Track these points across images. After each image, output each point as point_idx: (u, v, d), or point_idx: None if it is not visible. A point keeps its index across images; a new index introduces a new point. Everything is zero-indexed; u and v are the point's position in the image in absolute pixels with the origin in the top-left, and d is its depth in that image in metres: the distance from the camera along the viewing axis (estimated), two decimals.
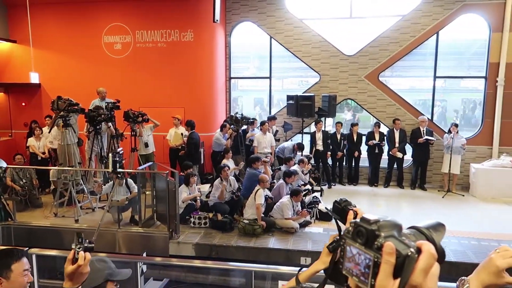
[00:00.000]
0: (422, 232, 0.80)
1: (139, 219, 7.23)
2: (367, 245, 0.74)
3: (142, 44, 10.51)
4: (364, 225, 0.75)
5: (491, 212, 8.43)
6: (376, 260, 0.71)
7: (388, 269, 0.69)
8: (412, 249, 0.70)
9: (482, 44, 10.29)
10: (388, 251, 0.69)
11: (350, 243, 0.77)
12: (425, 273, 0.69)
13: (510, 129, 9.91)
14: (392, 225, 0.75)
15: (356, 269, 0.75)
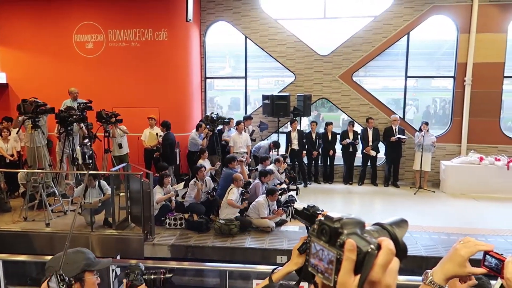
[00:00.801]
0: (385, 228, 0.82)
1: (113, 222, 7.09)
2: (331, 243, 0.75)
3: (115, 43, 10.32)
4: (327, 223, 0.76)
5: (460, 208, 8.71)
6: (339, 257, 0.73)
7: (349, 265, 0.71)
8: (372, 246, 0.72)
9: (451, 44, 10.62)
10: (349, 248, 0.71)
11: (315, 241, 0.78)
12: (383, 269, 0.71)
13: (477, 127, 10.27)
14: (354, 222, 0.77)
15: (321, 266, 0.77)
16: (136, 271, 2.00)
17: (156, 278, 2.03)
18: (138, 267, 2.03)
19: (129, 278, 1.95)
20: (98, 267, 2.22)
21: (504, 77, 10.17)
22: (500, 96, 10.27)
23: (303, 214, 1.50)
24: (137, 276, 1.97)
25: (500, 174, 9.37)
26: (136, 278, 1.96)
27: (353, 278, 0.70)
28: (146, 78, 10.25)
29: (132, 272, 1.98)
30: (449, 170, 9.74)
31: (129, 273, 1.98)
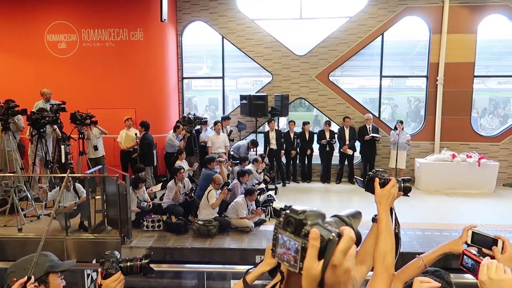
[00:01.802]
0: (343, 219, 0.90)
1: (88, 225, 6.95)
2: (296, 233, 0.82)
3: (89, 43, 10.12)
4: (293, 215, 0.83)
5: (434, 204, 8.94)
6: (304, 245, 0.80)
7: (314, 252, 0.78)
8: (334, 234, 0.79)
9: (424, 45, 10.89)
10: (313, 236, 0.78)
11: (281, 232, 0.84)
12: (344, 254, 0.78)
13: (449, 125, 10.56)
14: (316, 214, 0.84)
15: (287, 255, 0.83)
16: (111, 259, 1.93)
17: (132, 265, 1.96)
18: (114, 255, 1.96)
19: (104, 266, 1.90)
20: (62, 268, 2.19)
21: (474, 76, 10.50)
22: (470, 95, 10.59)
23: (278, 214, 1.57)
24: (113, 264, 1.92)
25: (471, 171, 9.66)
26: (112, 266, 1.90)
27: (317, 263, 0.78)
28: (122, 78, 10.09)
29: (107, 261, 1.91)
30: (423, 168, 9.98)
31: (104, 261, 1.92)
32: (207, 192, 7.20)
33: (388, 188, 1.75)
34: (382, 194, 1.75)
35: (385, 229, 1.68)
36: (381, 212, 1.72)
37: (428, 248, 1.55)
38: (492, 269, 1.25)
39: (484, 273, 1.25)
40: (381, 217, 1.71)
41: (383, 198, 1.74)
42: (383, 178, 1.77)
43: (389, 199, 1.74)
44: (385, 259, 1.62)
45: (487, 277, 1.24)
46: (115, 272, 1.89)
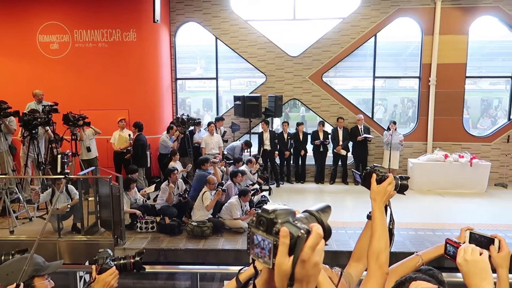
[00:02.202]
0: (313, 214, 0.94)
1: (81, 227, 6.91)
2: (268, 231, 0.86)
3: (82, 44, 10.06)
4: (264, 215, 0.87)
5: (427, 203, 9.00)
6: (275, 243, 0.84)
7: (284, 249, 0.83)
8: (302, 231, 0.84)
9: (416, 46, 10.96)
10: (283, 234, 0.83)
11: (255, 231, 0.88)
12: (312, 249, 0.83)
13: (442, 125, 10.64)
14: (286, 212, 0.88)
15: (261, 253, 0.87)
16: (105, 256, 1.99)
17: (126, 263, 2.03)
18: (107, 252, 2.02)
19: (99, 263, 1.93)
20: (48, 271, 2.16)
21: (466, 77, 10.59)
22: (462, 95, 10.69)
23: None
24: (106, 260, 1.96)
25: (463, 171, 9.74)
26: (106, 263, 1.95)
27: (288, 259, 0.83)
28: (115, 79, 10.05)
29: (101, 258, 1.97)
30: (416, 168, 10.04)
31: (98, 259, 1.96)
32: (202, 193, 7.18)
33: (385, 185, 1.73)
34: (377, 191, 1.73)
35: (379, 227, 1.68)
36: (375, 209, 1.71)
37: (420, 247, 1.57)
38: (468, 251, 1.30)
39: (461, 255, 1.30)
40: (375, 215, 1.70)
41: (378, 195, 1.72)
42: (380, 174, 1.75)
43: (385, 196, 1.72)
44: (378, 257, 1.63)
45: (463, 259, 1.30)
46: (109, 267, 1.93)
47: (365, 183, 1.79)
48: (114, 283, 1.94)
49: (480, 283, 1.26)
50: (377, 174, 1.75)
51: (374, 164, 1.81)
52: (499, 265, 1.61)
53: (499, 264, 1.61)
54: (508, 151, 10.58)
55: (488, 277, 1.27)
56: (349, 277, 1.79)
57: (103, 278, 1.90)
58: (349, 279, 1.78)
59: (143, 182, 9.26)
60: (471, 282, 1.28)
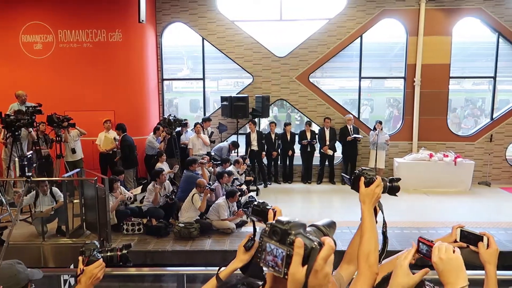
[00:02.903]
0: (320, 229, 1.01)
1: (66, 230, 6.81)
2: (281, 242, 0.91)
3: (66, 44, 9.92)
4: (278, 225, 0.93)
5: (412, 202, 9.11)
6: (289, 253, 0.89)
7: (298, 259, 0.88)
8: (316, 243, 0.90)
9: (401, 47, 11.09)
10: (298, 245, 0.88)
11: (267, 241, 0.93)
12: (325, 261, 0.89)
13: (426, 125, 10.79)
14: (299, 225, 0.94)
15: (273, 262, 0.92)
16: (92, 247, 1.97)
17: (113, 255, 2.02)
18: (94, 244, 2.00)
19: (85, 254, 1.93)
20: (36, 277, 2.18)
21: (450, 77, 10.76)
22: (446, 95, 10.86)
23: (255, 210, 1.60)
24: (93, 252, 1.95)
25: (448, 170, 9.89)
26: (93, 255, 1.94)
27: (302, 269, 0.88)
28: (100, 80, 9.93)
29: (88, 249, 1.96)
30: (402, 167, 10.16)
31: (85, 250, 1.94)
32: (191, 196, 7.15)
33: (373, 188, 1.76)
34: (366, 193, 1.76)
35: (368, 229, 1.71)
36: (364, 211, 1.74)
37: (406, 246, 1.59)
38: (442, 250, 1.33)
39: (436, 254, 1.33)
40: (364, 217, 1.74)
41: (367, 198, 1.75)
42: (368, 177, 1.78)
43: (373, 198, 1.75)
44: (368, 258, 1.65)
45: (438, 258, 1.32)
46: (96, 260, 1.93)
47: (354, 187, 1.82)
48: (101, 275, 1.94)
49: (455, 280, 1.29)
50: (365, 177, 1.78)
51: (362, 167, 1.84)
52: (487, 261, 1.66)
53: (487, 260, 1.66)
54: (491, 150, 10.78)
55: (462, 274, 1.30)
56: (340, 278, 1.81)
57: (90, 270, 1.90)
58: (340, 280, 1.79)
59: (132, 183, 9.17)
60: (446, 280, 1.30)
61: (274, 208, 1.67)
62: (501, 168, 10.89)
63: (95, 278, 1.91)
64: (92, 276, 1.90)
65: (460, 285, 1.28)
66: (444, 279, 1.31)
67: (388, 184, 1.86)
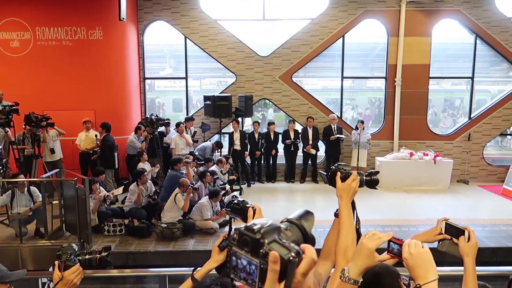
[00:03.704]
0: (294, 223, 0.89)
1: (45, 231, 6.66)
2: (253, 253, 0.78)
3: (44, 41, 9.69)
4: (249, 234, 0.79)
5: (394, 200, 9.25)
6: (262, 266, 0.76)
7: (274, 276, 0.76)
8: (293, 253, 0.77)
9: (383, 47, 11.24)
10: (273, 260, 0.75)
11: (237, 251, 0.80)
12: (305, 276, 0.78)
13: (407, 124, 10.96)
14: (272, 229, 0.81)
15: (244, 274, 0.79)
16: (69, 251, 1.89)
17: (91, 258, 1.94)
18: (71, 247, 1.93)
19: (62, 259, 1.84)
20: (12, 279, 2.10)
21: (429, 77, 10.96)
22: (426, 95, 11.06)
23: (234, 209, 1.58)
24: (70, 256, 1.87)
25: (428, 168, 10.07)
26: (70, 259, 1.85)
27: (278, 286, 0.76)
28: (80, 79, 9.74)
29: (65, 253, 1.87)
30: (383, 166, 10.30)
31: (61, 254, 1.86)
32: (174, 195, 7.09)
33: (349, 182, 1.77)
34: (342, 188, 1.77)
35: (346, 224, 1.72)
36: (341, 206, 1.75)
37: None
38: (412, 245, 1.35)
39: (406, 250, 1.35)
40: (341, 211, 1.75)
41: (344, 192, 1.77)
42: (344, 172, 1.79)
43: (350, 193, 1.77)
44: (346, 253, 1.66)
45: (408, 253, 1.34)
46: (73, 264, 1.85)
47: (331, 182, 1.83)
48: (77, 281, 1.86)
49: (425, 274, 1.31)
50: (341, 172, 1.79)
51: (339, 163, 1.87)
52: (466, 254, 1.74)
53: (465, 253, 1.74)
54: (469, 148, 11.03)
55: (432, 267, 1.32)
56: (318, 274, 1.81)
57: (66, 276, 1.82)
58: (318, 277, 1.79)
59: (111, 184, 9.03)
60: (417, 275, 1.32)
61: (253, 206, 1.66)
62: (479, 167, 11.16)
63: (72, 284, 1.84)
64: (68, 283, 1.83)
65: (430, 278, 1.30)
66: (414, 274, 1.33)
67: (366, 178, 1.90)
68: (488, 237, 7.02)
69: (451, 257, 1.90)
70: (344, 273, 1.37)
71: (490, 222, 7.77)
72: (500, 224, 7.68)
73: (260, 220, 0.83)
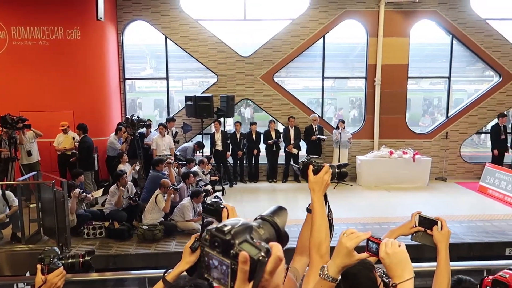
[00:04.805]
0: (266, 220, 0.89)
1: (22, 236, 6.50)
2: (224, 254, 0.79)
3: (20, 41, 9.45)
4: (219, 235, 0.80)
5: (374, 199, 9.39)
6: (233, 266, 0.78)
7: (243, 276, 0.78)
8: (263, 253, 0.78)
9: (362, 47, 11.38)
10: (242, 260, 0.77)
11: (209, 251, 0.81)
12: (272, 275, 0.79)
13: (387, 123, 11.13)
14: (243, 229, 0.82)
15: (217, 273, 0.81)
16: (52, 254, 1.87)
17: (74, 262, 1.93)
18: (54, 250, 1.90)
19: (45, 262, 1.81)
20: None
21: (408, 77, 11.16)
22: (405, 95, 11.25)
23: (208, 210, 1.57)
24: (53, 259, 1.85)
25: (407, 166, 10.24)
26: (53, 262, 1.83)
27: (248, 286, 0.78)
28: (58, 79, 9.54)
29: (47, 256, 1.85)
30: (364, 164, 10.43)
31: (44, 257, 1.83)
32: (155, 196, 7.02)
33: (321, 175, 1.76)
34: (315, 181, 1.76)
35: (318, 218, 1.71)
36: (314, 199, 1.75)
37: None
38: (388, 245, 1.37)
39: (382, 250, 1.37)
40: (314, 205, 1.74)
41: (316, 185, 1.76)
42: (316, 164, 1.79)
43: (322, 186, 1.76)
44: (320, 248, 1.67)
45: (385, 253, 1.36)
46: (56, 268, 1.84)
47: (304, 175, 1.82)
48: (61, 284, 1.84)
49: (401, 273, 1.33)
50: (313, 165, 1.78)
51: (310, 156, 1.86)
52: (439, 241, 1.82)
53: (439, 240, 1.82)
54: (447, 147, 11.28)
55: (408, 266, 1.34)
56: (295, 271, 1.82)
57: (49, 279, 1.80)
58: (295, 273, 1.81)
59: (91, 186, 8.88)
60: (393, 274, 1.35)
61: (225, 206, 1.66)
62: (456, 164, 11.42)
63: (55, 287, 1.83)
64: (52, 286, 1.81)
65: (406, 277, 1.32)
66: (391, 273, 1.36)
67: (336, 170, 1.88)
68: (465, 232, 7.19)
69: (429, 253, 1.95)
70: (324, 271, 1.39)
71: (467, 218, 7.97)
72: (476, 220, 7.88)
73: (232, 220, 0.84)
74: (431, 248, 1.89)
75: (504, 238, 7.01)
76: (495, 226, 7.53)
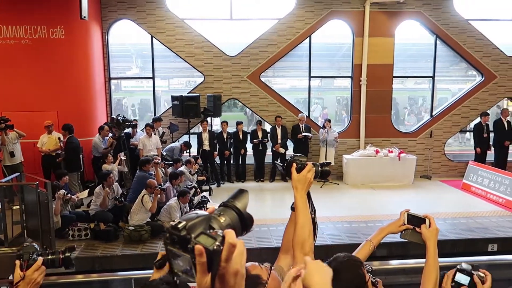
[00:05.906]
0: (227, 205, 0.91)
1: (5, 238, 6.39)
2: (184, 249, 0.82)
3: (2, 40, 9.26)
4: (175, 232, 0.82)
5: (361, 197, 9.48)
6: (193, 260, 0.80)
7: (201, 268, 0.79)
8: (218, 242, 0.80)
9: (348, 47, 11.47)
10: (197, 253, 0.78)
11: (171, 248, 0.84)
12: (227, 262, 0.79)
13: (373, 122, 11.24)
14: (199, 222, 0.84)
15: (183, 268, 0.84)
16: (31, 250, 1.83)
17: (54, 259, 1.88)
18: (33, 246, 1.87)
19: (23, 258, 1.79)
20: None
21: (393, 77, 11.30)
22: (390, 94, 11.40)
23: None
24: (32, 255, 1.81)
25: (392, 165, 10.37)
26: (32, 258, 1.80)
27: (206, 277, 0.80)
28: (42, 79, 9.38)
29: (26, 253, 1.81)
30: (350, 163, 10.53)
31: (23, 253, 1.80)
32: (141, 196, 6.97)
33: (304, 173, 1.77)
34: (298, 179, 1.77)
35: (301, 216, 1.72)
36: (297, 197, 1.76)
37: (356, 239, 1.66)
38: None
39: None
40: (297, 203, 1.75)
41: (299, 183, 1.77)
42: (300, 163, 1.79)
43: (305, 184, 1.77)
44: (303, 246, 1.68)
45: None
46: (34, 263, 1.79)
47: (287, 173, 1.83)
48: (40, 279, 1.80)
49: None
50: (297, 163, 1.79)
51: (294, 154, 1.88)
52: (428, 238, 1.87)
53: (427, 238, 1.87)
54: (431, 145, 11.45)
55: None
56: (280, 270, 1.82)
57: (28, 275, 1.76)
58: (281, 272, 1.81)
59: (77, 187, 8.76)
60: None
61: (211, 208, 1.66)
62: (440, 162, 11.61)
63: (35, 283, 1.77)
64: (31, 282, 1.76)
65: None
66: None
67: (319, 169, 1.89)
68: (449, 230, 7.31)
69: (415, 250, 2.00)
70: None
71: (450, 215, 8.10)
72: (460, 217, 8.02)
73: (188, 215, 0.87)
74: (418, 245, 1.93)
75: (486, 234, 7.15)
76: (478, 223, 7.67)
